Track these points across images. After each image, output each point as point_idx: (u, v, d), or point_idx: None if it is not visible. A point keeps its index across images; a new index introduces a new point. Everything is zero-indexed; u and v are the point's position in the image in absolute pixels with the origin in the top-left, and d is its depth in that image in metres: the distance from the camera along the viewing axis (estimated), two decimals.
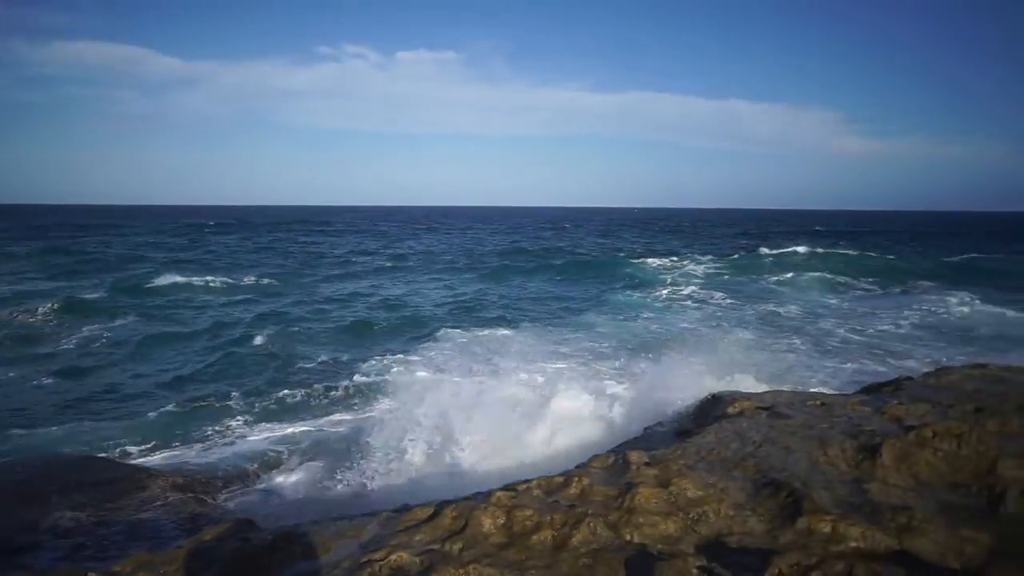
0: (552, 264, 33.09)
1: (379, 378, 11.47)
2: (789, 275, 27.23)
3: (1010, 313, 18.68)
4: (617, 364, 11.93)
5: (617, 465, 4.17)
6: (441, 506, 3.81)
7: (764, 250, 37.98)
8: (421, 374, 11.50)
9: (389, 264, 34.03)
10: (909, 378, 7.07)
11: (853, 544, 3.32)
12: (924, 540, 3.31)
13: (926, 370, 7.90)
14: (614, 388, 9.54)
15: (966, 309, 19.28)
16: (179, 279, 24.61)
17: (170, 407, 10.24)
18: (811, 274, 27.87)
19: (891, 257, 36.34)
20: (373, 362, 12.73)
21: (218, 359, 13.41)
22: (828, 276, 27.58)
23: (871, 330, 16.12)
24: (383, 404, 9.82)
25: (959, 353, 13.33)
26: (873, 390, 6.76)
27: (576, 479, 3.89)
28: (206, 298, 22.11)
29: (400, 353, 13.52)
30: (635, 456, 4.15)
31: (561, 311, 19.56)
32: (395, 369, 12.06)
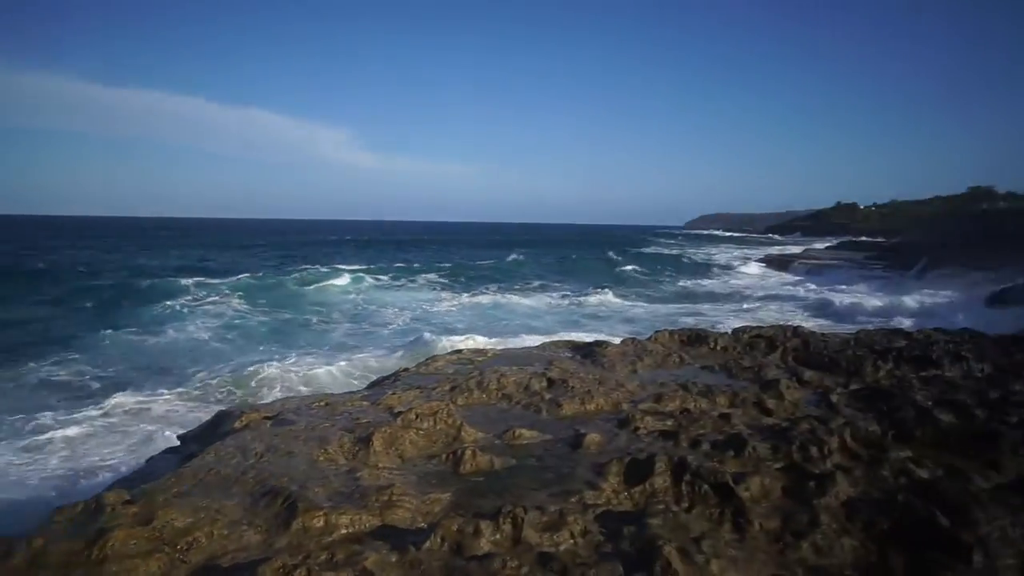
0: (39, 284, 27.12)
1: None
2: (322, 283, 28.41)
3: (486, 300, 23.67)
4: (114, 391, 10.42)
5: (89, 512, 3.56)
6: None
7: (305, 265, 38.34)
8: None
9: None
10: (406, 369, 8.01)
11: (343, 531, 3.52)
12: (401, 511, 3.73)
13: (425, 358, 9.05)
14: (104, 418, 8.25)
15: (454, 302, 23.54)
16: None
17: None
18: (344, 281, 29.83)
19: (402, 264, 41.55)
20: None
21: None
22: (360, 278, 30.07)
23: (382, 327, 17.95)
24: None
25: (448, 337, 15.81)
26: (376, 384, 7.43)
27: (26, 544, 3.16)
28: None
29: None
30: (111, 497, 3.61)
31: (45, 338, 16.08)
32: None
